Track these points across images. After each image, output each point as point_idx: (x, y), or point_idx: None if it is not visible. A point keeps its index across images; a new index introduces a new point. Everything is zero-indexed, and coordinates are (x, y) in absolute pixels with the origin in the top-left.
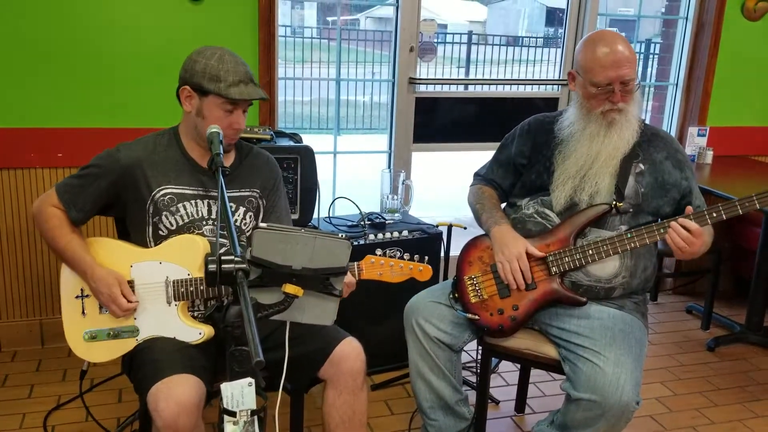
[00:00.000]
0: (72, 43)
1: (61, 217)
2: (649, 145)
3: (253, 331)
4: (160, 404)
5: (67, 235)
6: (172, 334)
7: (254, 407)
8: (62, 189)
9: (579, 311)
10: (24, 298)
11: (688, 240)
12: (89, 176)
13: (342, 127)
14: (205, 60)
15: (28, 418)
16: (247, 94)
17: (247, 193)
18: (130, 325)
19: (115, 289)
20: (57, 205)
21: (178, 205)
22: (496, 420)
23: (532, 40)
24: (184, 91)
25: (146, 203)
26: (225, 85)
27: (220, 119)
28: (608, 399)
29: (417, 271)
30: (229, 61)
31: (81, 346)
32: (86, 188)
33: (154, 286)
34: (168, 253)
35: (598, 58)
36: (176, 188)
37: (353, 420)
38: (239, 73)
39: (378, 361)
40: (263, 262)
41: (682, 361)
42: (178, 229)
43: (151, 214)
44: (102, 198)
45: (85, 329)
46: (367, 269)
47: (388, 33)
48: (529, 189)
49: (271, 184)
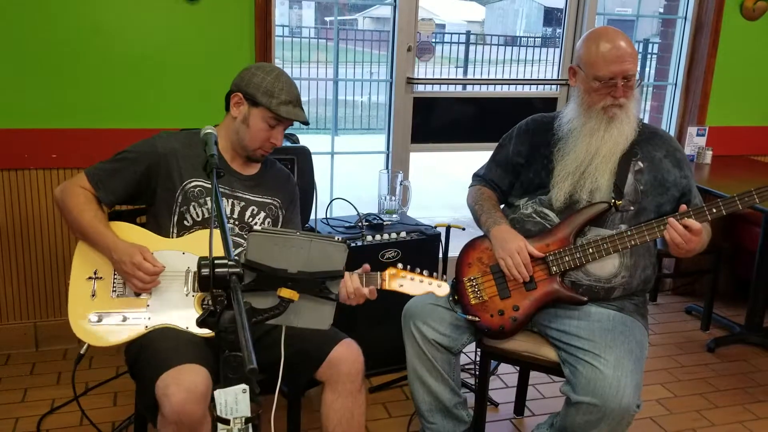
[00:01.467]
0: (67, 43)
1: (89, 196)
2: (648, 143)
3: (246, 337)
4: (170, 389)
5: (92, 210)
6: (185, 325)
7: (248, 414)
8: (93, 172)
9: (579, 313)
10: (18, 300)
11: (686, 237)
12: (124, 161)
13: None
14: (263, 74)
15: (22, 422)
16: (294, 114)
17: (269, 201)
18: (142, 309)
19: (138, 257)
20: (86, 186)
21: (206, 198)
22: (495, 423)
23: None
24: (236, 96)
25: (176, 192)
26: (276, 102)
27: (262, 131)
28: (608, 402)
29: (436, 287)
30: (285, 82)
31: (84, 329)
32: (120, 172)
33: (175, 274)
34: (192, 245)
35: (601, 53)
36: (206, 182)
37: (351, 422)
38: (292, 94)
39: (376, 364)
40: (258, 265)
41: (681, 362)
42: (204, 221)
43: (179, 204)
44: (134, 183)
45: (93, 311)
46: (389, 280)
47: (386, 33)
48: (527, 188)
49: (290, 199)
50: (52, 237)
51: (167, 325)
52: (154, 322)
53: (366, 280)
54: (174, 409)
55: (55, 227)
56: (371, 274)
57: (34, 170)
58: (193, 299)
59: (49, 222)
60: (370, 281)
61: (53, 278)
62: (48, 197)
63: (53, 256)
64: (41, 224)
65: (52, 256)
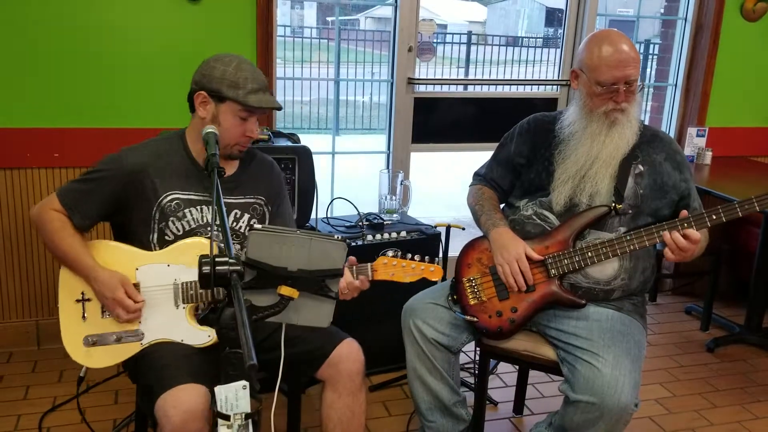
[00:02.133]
0: (69, 42)
1: (64, 220)
2: (649, 146)
3: (246, 334)
4: (169, 411)
5: (68, 237)
6: (179, 338)
7: (249, 410)
8: (64, 194)
9: (577, 313)
10: (20, 298)
11: (684, 248)
12: (93, 181)
13: (341, 128)
14: (223, 66)
15: (24, 419)
16: (265, 102)
17: (252, 200)
18: (135, 329)
19: (120, 293)
20: (59, 210)
21: (184, 211)
22: (494, 421)
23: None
24: (199, 96)
25: (152, 209)
26: (244, 93)
27: (235, 126)
28: (606, 401)
29: (429, 271)
30: (247, 69)
31: (80, 352)
32: (91, 194)
33: (162, 288)
34: (176, 256)
35: (603, 57)
36: (183, 194)
37: (352, 421)
38: (257, 81)
39: (376, 363)
40: (258, 263)
41: (681, 362)
42: (185, 235)
43: (157, 220)
44: (107, 204)
45: (86, 334)
46: (380, 270)
47: (387, 33)
48: (527, 189)
49: (276, 191)
50: None
51: (162, 340)
52: (149, 338)
53: (356, 272)
54: (174, 429)
55: None
56: (361, 266)
57: (37, 169)
58: (185, 311)
59: None
60: (361, 272)
61: (55, 277)
62: None
63: None
64: None
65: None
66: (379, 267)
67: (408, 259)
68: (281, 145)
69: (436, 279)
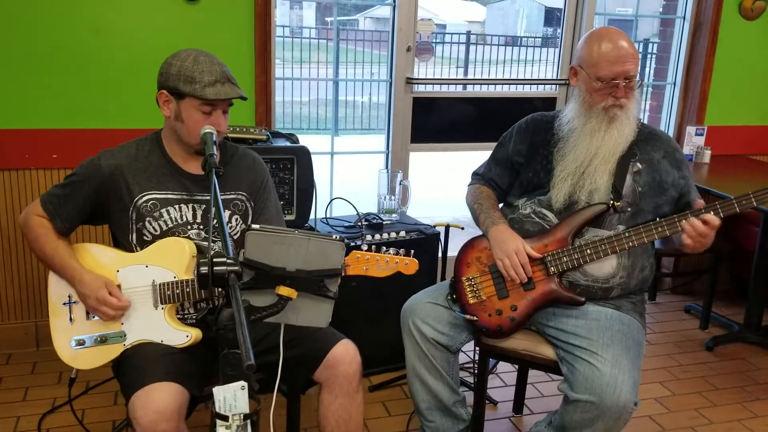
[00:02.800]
0: (67, 43)
1: (47, 225)
2: (647, 144)
3: (244, 334)
4: (137, 412)
5: (52, 242)
6: (159, 338)
7: (247, 411)
8: (46, 199)
9: (576, 311)
10: (19, 300)
11: (703, 233)
12: (72, 185)
13: (339, 128)
14: (179, 62)
15: (23, 421)
16: (224, 93)
17: (233, 196)
18: (117, 330)
19: (103, 292)
20: (42, 215)
21: (161, 210)
22: (493, 421)
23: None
24: (161, 95)
25: (129, 210)
26: (200, 86)
27: (198, 122)
28: (606, 400)
29: (403, 264)
30: (204, 62)
31: (68, 353)
32: (69, 197)
33: (141, 289)
34: (153, 257)
35: (603, 53)
36: (159, 194)
37: (349, 423)
38: (214, 72)
39: (375, 363)
40: (256, 264)
41: (680, 361)
42: (162, 234)
43: (134, 221)
44: (86, 207)
45: (73, 336)
46: (353, 265)
47: (386, 33)
48: (525, 188)
49: (258, 186)
50: None
51: (143, 340)
52: (131, 339)
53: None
54: (144, 430)
55: None
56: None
57: (35, 170)
58: (164, 312)
59: None
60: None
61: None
62: None
63: None
64: None
65: None
66: (351, 262)
67: (382, 252)
68: (280, 145)
69: (411, 273)
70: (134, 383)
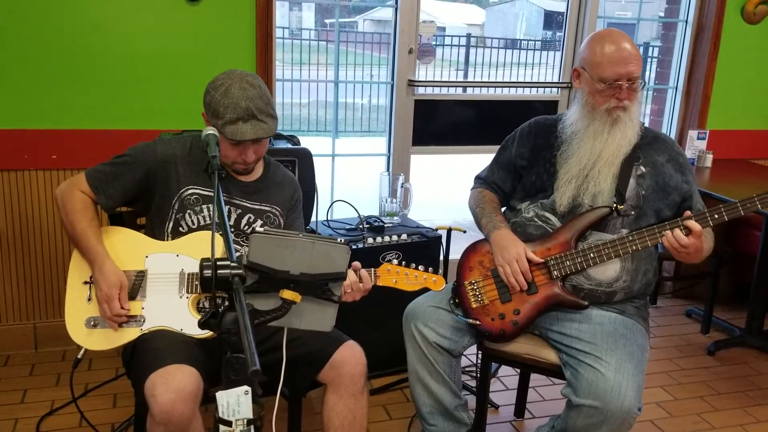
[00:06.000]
0: (67, 44)
1: (87, 202)
2: (650, 147)
3: (249, 339)
4: (157, 389)
5: (87, 220)
6: (179, 327)
7: (250, 416)
8: (92, 175)
9: (580, 316)
10: (18, 301)
11: (686, 244)
12: (123, 165)
13: (340, 130)
14: (213, 92)
15: (21, 423)
16: (240, 134)
17: (268, 209)
18: (137, 314)
19: (114, 290)
20: (85, 191)
21: (202, 206)
22: (495, 425)
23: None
24: (203, 115)
25: (173, 199)
26: (222, 123)
27: (228, 149)
28: (610, 405)
29: (431, 281)
30: (234, 95)
31: (81, 332)
32: (118, 176)
33: (168, 277)
34: (186, 247)
35: (606, 54)
36: (204, 190)
37: (354, 424)
38: (239, 109)
39: (377, 366)
40: (260, 267)
41: (682, 365)
42: (198, 229)
43: (175, 210)
44: (133, 188)
45: (89, 315)
46: (383, 276)
47: (387, 35)
48: (528, 191)
49: (292, 205)
50: (52, 238)
51: (161, 327)
52: (149, 325)
53: (360, 276)
54: (162, 410)
55: (56, 228)
56: (364, 271)
57: (35, 171)
58: (188, 301)
59: (49, 223)
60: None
61: (53, 279)
62: (48, 198)
63: (53, 257)
64: (41, 225)
65: (51, 257)
66: (382, 273)
67: (412, 268)
68: (281, 147)
69: (438, 289)
70: (153, 363)
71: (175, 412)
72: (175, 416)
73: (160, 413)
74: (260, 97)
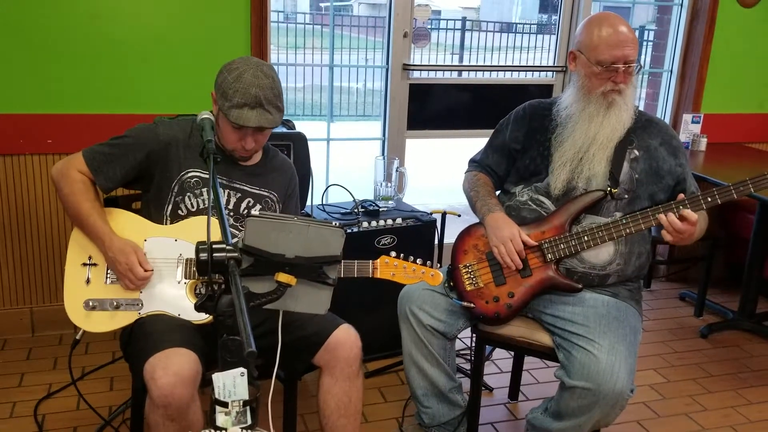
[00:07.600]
0: (62, 28)
1: (86, 182)
2: (644, 131)
3: (245, 321)
4: (156, 373)
5: (90, 201)
6: (177, 312)
7: (246, 397)
8: (90, 155)
9: (573, 299)
10: (14, 285)
11: (681, 229)
12: (122, 146)
13: (335, 114)
14: (226, 73)
15: (19, 406)
16: (244, 119)
17: (266, 193)
18: (135, 297)
19: (132, 257)
20: (83, 171)
21: (202, 189)
22: (489, 407)
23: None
24: (213, 94)
25: (173, 181)
26: (229, 105)
27: (229, 134)
28: (602, 387)
29: (429, 276)
30: (246, 81)
31: (79, 314)
32: (118, 158)
33: (166, 261)
34: (184, 232)
35: (603, 37)
36: (204, 173)
37: (349, 407)
38: (248, 95)
39: (372, 349)
40: (256, 250)
41: (675, 348)
42: (197, 212)
43: (175, 193)
44: (133, 170)
45: (87, 297)
46: (381, 268)
47: (382, 19)
48: (522, 175)
49: (289, 192)
50: (48, 222)
51: (160, 312)
52: (147, 309)
53: (358, 268)
54: (161, 393)
55: (51, 213)
56: (363, 262)
57: (30, 156)
58: (186, 286)
59: (45, 207)
60: (362, 269)
61: (49, 264)
62: (44, 183)
63: (49, 241)
64: (37, 210)
65: (48, 241)
66: (380, 266)
67: (410, 261)
68: (276, 131)
69: (435, 284)
70: (152, 347)
71: (175, 396)
72: (174, 399)
73: (159, 396)
74: (271, 88)
